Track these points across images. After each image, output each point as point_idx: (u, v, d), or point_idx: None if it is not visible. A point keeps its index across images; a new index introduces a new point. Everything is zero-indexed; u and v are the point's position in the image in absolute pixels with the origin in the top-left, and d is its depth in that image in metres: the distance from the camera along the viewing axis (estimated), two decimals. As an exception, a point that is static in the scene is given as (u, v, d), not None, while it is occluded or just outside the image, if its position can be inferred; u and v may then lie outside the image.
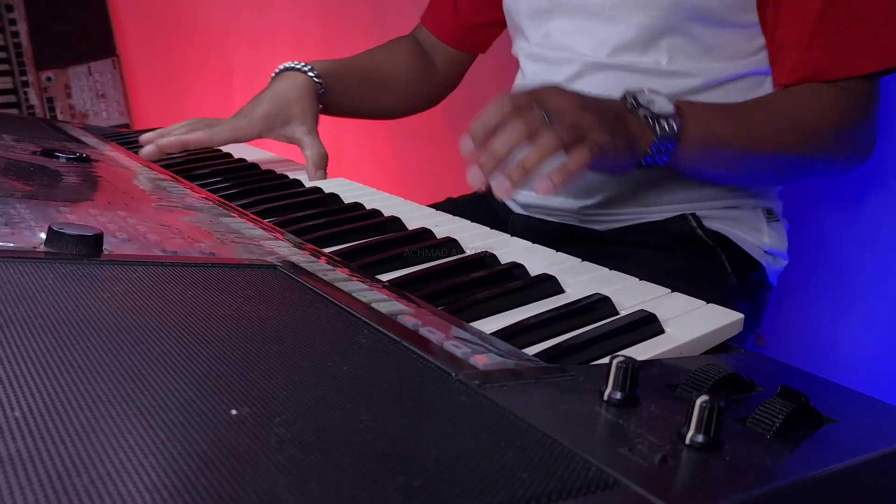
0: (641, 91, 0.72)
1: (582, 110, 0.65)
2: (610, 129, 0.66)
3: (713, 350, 0.49)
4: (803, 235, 1.05)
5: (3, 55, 1.53)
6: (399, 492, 0.26)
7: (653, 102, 0.71)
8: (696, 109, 0.74)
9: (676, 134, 0.71)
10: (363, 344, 0.40)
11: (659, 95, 0.72)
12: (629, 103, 0.71)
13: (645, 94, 0.72)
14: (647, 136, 0.70)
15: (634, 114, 0.70)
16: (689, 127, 0.72)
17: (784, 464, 0.33)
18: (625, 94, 0.73)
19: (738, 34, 0.83)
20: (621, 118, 0.69)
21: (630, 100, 0.71)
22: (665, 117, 0.70)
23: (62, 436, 0.26)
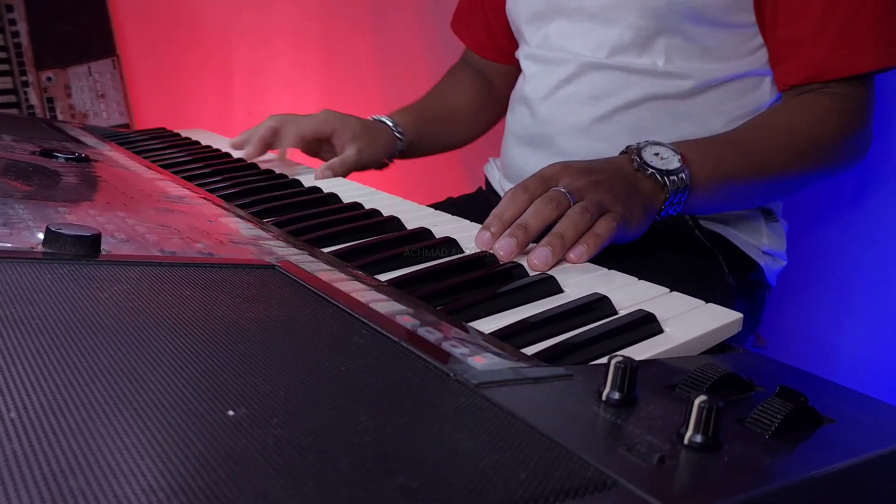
0: (645, 146, 0.72)
1: (597, 186, 0.66)
2: (625, 200, 0.67)
3: (712, 350, 0.49)
4: (803, 236, 1.05)
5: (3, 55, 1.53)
6: (397, 492, 0.26)
7: (659, 157, 0.71)
8: (699, 153, 0.74)
9: (687, 185, 0.71)
10: (361, 344, 0.40)
11: (662, 147, 0.72)
12: (635, 163, 0.70)
13: (648, 150, 0.71)
14: (660, 195, 0.71)
15: (642, 173, 0.70)
16: (697, 173, 0.72)
17: (783, 464, 0.33)
18: (628, 152, 0.72)
19: (734, 34, 0.83)
20: (632, 183, 0.69)
21: (635, 159, 0.71)
22: (675, 172, 0.70)
23: (59, 436, 0.26)
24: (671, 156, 0.72)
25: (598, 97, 0.88)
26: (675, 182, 0.70)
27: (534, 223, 0.62)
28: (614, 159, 0.72)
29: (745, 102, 0.86)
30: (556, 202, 0.63)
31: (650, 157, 0.71)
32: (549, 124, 0.92)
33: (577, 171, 0.67)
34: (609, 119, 0.88)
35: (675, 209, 0.72)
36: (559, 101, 0.91)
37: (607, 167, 0.69)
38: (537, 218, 0.62)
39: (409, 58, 1.65)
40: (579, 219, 0.62)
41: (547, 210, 0.63)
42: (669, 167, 0.71)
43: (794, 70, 0.81)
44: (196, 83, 1.75)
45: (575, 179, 0.66)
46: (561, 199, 0.63)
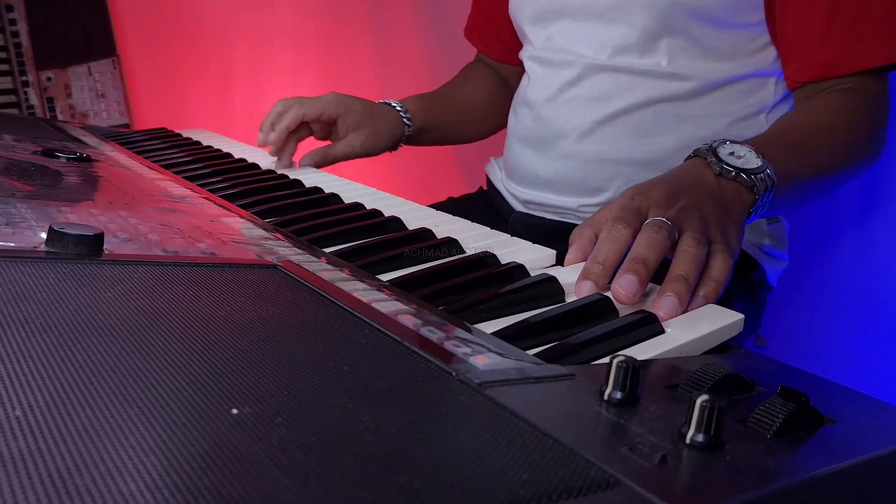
0: (718, 146, 0.65)
1: (689, 212, 0.58)
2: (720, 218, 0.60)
3: (713, 350, 0.49)
4: (803, 237, 1.06)
5: (3, 55, 1.53)
6: (400, 492, 0.26)
7: (736, 156, 0.65)
8: (772, 150, 0.67)
9: (775, 182, 0.65)
10: (364, 344, 0.40)
11: (735, 144, 0.66)
12: (715, 167, 0.64)
13: (724, 148, 0.65)
14: (748, 198, 0.64)
15: (726, 176, 0.63)
16: (777, 171, 0.66)
17: (784, 464, 0.33)
18: (700, 156, 0.65)
19: (738, 34, 0.83)
20: (717, 195, 0.62)
21: (712, 160, 0.64)
22: (760, 170, 0.64)
23: (63, 435, 0.26)
24: (748, 153, 0.65)
25: (601, 99, 0.88)
26: (762, 180, 0.64)
27: (652, 255, 0.54)
28: (690, 169, 0.64)
29: (748, 103, 0.86)
30: (667, 231, 0.55)
31: (727, 156, 0.64)
32: (551, 126, 0.92)
33: (660, 200, 0.59)
34: (612, 121, 0.88)
35: (761, 212, 0.65)
36: (562, 103, 0.91)
37: (687, 185, 0.62)
38: (655, 250, 0.54)
39: (407, 58, 1.65)
40: (696, 253, 0.54)
41: (660, 240, 0.55)
42: (752, 165, 0.64)
43: (804, 67, 0.81)
44: (196, 83, 1.75)
45: (663, 210, 0.58)
46: (669, 229, 0.56)
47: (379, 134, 1.03)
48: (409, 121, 1.06)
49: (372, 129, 1.02)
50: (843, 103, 0.79)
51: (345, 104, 1.02)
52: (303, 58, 1.72)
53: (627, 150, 0.88)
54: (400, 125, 1.06)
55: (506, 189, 1.03)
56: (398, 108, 1.06)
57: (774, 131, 0.76)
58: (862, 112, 0.79)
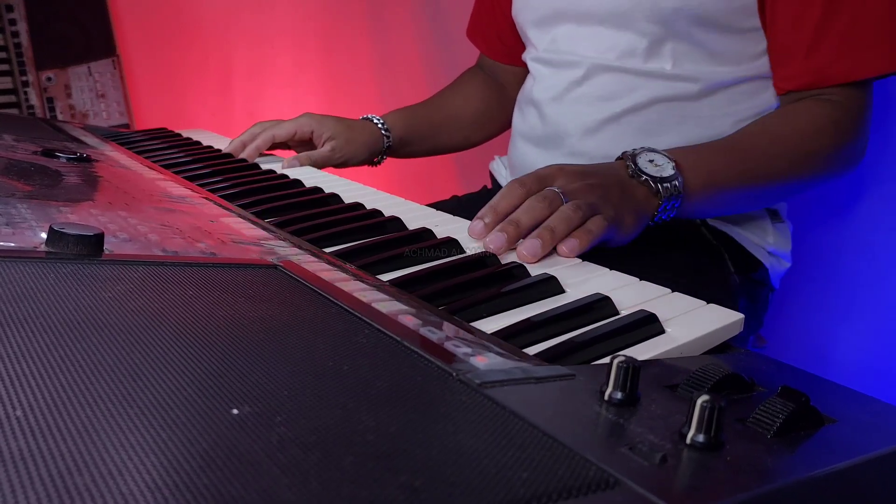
0: (640, 152, 0.73)
1: (591, 189, 0.67)
2: (617, 204, 0.68)
3: (714, 350, 0.49)
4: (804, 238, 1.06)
5: (3, 55, 1.53)
6: (400, 491, 0.26)
7: (654, 163, 0.72)
8: (694, 159, 0.75)
9: (680, 192, 0.72)
10: (364, 343, 0.40)
11: (657, 153, 0.73)
12: (630, 169, 0.71)
13: (643, 157, 0.73)
14: (653, 201, 0.71)
15: (637, 179, 0.71)
16: (691, 180, 0.73)
17: (785, 463, 0.33)
18: (624, 159, 0.73)
19: (741, 39, 0.84)
20: (626, 189, 0.70)
21: (630, 164, 0.72)
22: (668, 179, 0.71)
23: (63, 434, 0.26)
24: (665, 163, 0.73)
25: (606, 98, 0.88)
26: (668, 189, 0.71)
27: (525, 219, 0.63)
28: (610, 165, 0.73)
29: (753, 104, 0.86)
30: (549, 201, 0.64)
31: (645, 163, 0.72)
32: (557, 125, 0.93)
33: (571, 174, 0.68)
34: (618, 120, 0.88)
35: (668, 214, 0.73)
36: (569, 102, 0.92)
37: (602, 172, 0.71)
38: (529, 215, 0.63)
39: (406, 58, 1.65)
40: (570, 215, 0.63)
41: (539, 208, 0.64)
42: (663, 174, 0.72)
43: (791, 76, 0.82)
44: (196, 83, 1.75)
45: (570, 181, 0.67)
46: (554, 199, 0.64)
47: (354, 144, 1.05)
48: (388, 132, 1.08)
49: (346, 138, 1.04)
50: (820, 113, 0.80)
51: (317, 120, 1.05)
52: (303, 58, 1.72)
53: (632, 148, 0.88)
54: (378, 137, 1.07)
55: (510, 188, 1.04)
56: (376, 121, 1.08)
57: (720, 140, 0.80)
58: (835, 125, 0.80)
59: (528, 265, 0.58)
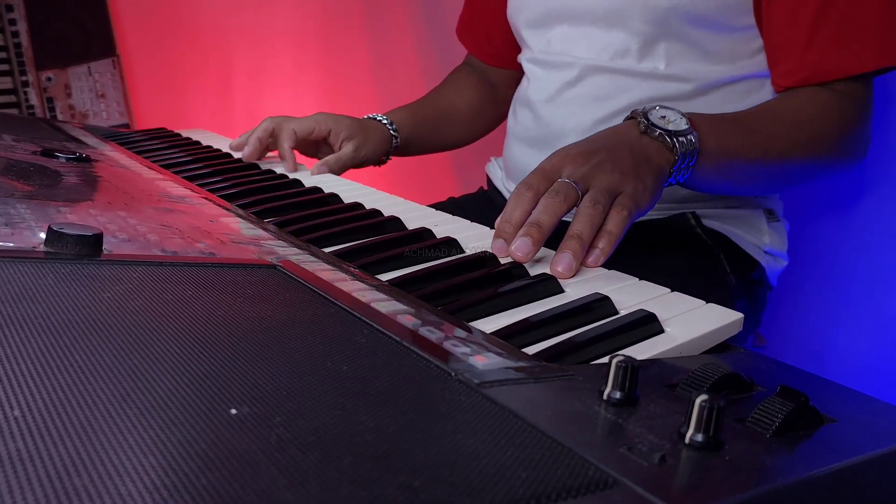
0: (652, 108, 0.70)
1: (601, 168, 0.63)
2: (633, 173, 0.64)
3: (713, 350, 0.49)
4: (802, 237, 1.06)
5: (3, 55, 1.53)
6: (399, 491, 0.26)
7: (666, 119, 0.69)
8: (707, 122, 0.72)
9: (696, 148, 0.69)
10: (363, 344, 0.40)
11: (669, 109, 0.70)
12: (642, 124, 0.68)
13: (656, 111, 0.70)
14: (668, 157, 0.68)
15: (650, 135, 0.68)
16: (705, 139, 0.70)
17: (784, 463, 0.33)
18: (634, 115, 0.70)
19: (735, 37, 0.84)
20: (638, 150, 0.67)
21: (642, 120, 0.69)
22: (683, 133, 0.68)
23: (62, 435, 0.26)
24: (678, 118, 0.69)
25: (600, 99, 0.88)
26: (683, 144, 0.68)
27: (546, 219, 0.60)
28: (618, 128, 0.70)
29: (747, 103, 0.86)
30: (564, 194, 0.62)
31: (657, 119, 0.69)
32: (551, 126, 0.93)
33: (577, 157, 0.65)
34: (611, 121, 0.88)
35: (683, 175, 0.70)
36: (562, 103, 0.92)
37: (609, 142, 0.67)
38: (548, 214, 0.61)
39: (404, 58, 1.66)
40: (592, 213, 0.60)
41: (556, 204, 0.61)
42: (678, 128, 0.68)
43: (788, 72, 0.82)
44: (196, 83, 1.75)
45: (577, 167, 0.64)
46: (568, 191, 0.62)
47: (371, 143, 1.04)
48: (396, 132, 1.07)
49: (364, 138, 1.03)
50: (822, 99, 0.80)
51: (334, 119, 1.03)
52: (303, 58, 1.72)
53: None
54: (388, 137, 1.07)
55: (506, 189, 1.04)
56: (384, 122, 1.07)
57: (729, 113, 0.78)
58: (840, 112, 0.80)
59: (529, 265, 0.58)
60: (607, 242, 0.60)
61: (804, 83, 0.81)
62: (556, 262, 0.58)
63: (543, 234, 0.60)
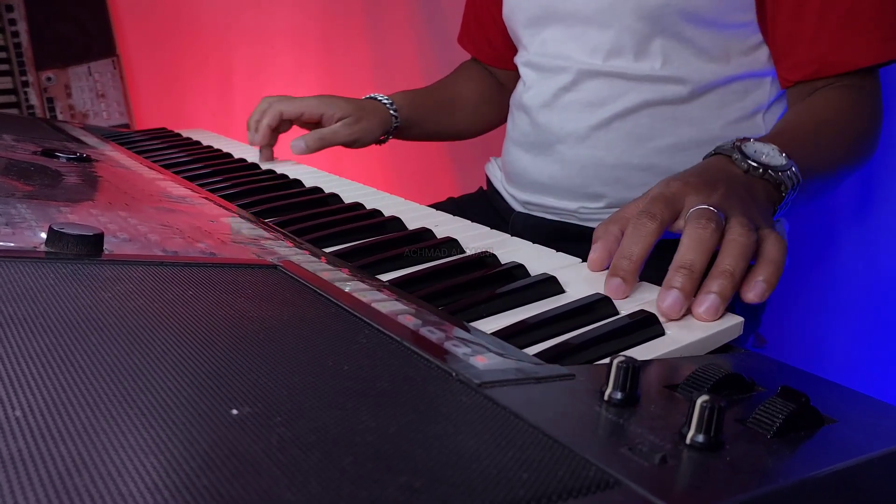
0: (744, 142, 0.63)
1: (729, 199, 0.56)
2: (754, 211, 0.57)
3: (713, 352, 0.49)
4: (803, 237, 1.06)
5: (3, 55, 1.53)
6: (400, 492, 0.26)
7: (762, 155, 0.63)
8: (790, 147, 0.65)
9: (801, 180, 0.64)
10: (364, 344, 0.40)
11: (760, 143, 0.64)
12: (742, 164, 0.62)
13: (749, 146, 0.63)
14: (773, 196, 0.63)
15: (754, 173, 0.61)
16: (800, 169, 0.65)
17: (784, 464, 0.33)
18: (724, 154, 0.63)
19: (731, 34, 0.83)
20: (750, 189, 0.60)
21: (737, 156, 0.62)
22: (784, 168, 0.62)
23: (63, 435, 0.26)
24: (772, 151, 0.63)
25: (595, 104, 0.88)
26: (789, 178, 0.62)
27: (699, 259, 0.51)
28: (716, 164, 0.63)
29: (744, 105, 0.86)
30: (715, 223, 0.52)
31: (753, 154, 0.62)
32: (548, 132, 0.93)
33: (699, 187, 0.56)
34: (607, 126, 0.88)
35: (784, 210, 0.64)
36: (558, 108, 0.92)
37: (720, 176, 0.60)
38: (700, 251, 0.51)
39: (403, 58, 1.66)
40: (746, 242, 0.51)
41: (707, 236, 0.51)
42: (777, 163, 0.62)
43: (796, 65, 0.81)
44: (196, 83, 1.75)
45: (702, 196, 0.55)
46: (717, 220, 0.52)
47: (364, 122, 1.03)
48: (396, 112, 1.07)
49: (358, 117, 1.02)
50: (843, 100, 0.79)
51: (326, 101, 1.03)
52: (303, 58, 1.72)
53: (624, 154, 0.88)
54: (387, 116, 1.06)
55: (505, 190, 1.04)
56: (384, 101, 1.07)
57: (788, 127, 0.75)
58: (860, 108, 0.79)
59: (528, 265, 0.58)
60: (773, 273, 0.51)
61: (812, 77, 0.80)
62: (700, 302, 0.49)
63: (696, 279, 0.50)
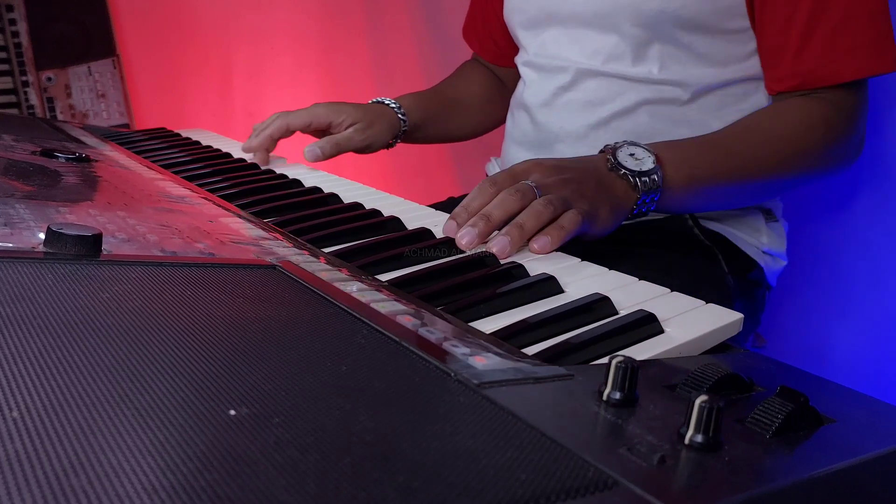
0: (621, 146, 0.72)
1: (566, 183, 0.66)
2: (592, 198, 0.67)
3: (712, 350, 0.49)
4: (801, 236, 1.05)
5: (3, 55, 1.53)
6: (398, 492, 0.26)
7: (634, 157, 0.72)
8: (676, 154, 0.74)
9: (659, 186, 0.72)
10: (362, 344, 0.40)
11: (638, 147, 0.73)
12: (609, 163, 0.71)
13: (624, 150, 0.72)
14: (631, 195, 0.71)
15: (616, 173, 0.71)
16: (672, 175, 0.73)
17: (783, 464, 0.33)
18: (605, 152, 0.72)
19: (728, 40, 0.84)
20: (604, 183, 0.70)
21: (609, 158, 0.71)
22: (647, 173, 0.71)
23: (60, 436, 0.26)
24: (646, 156, 0.72)
25: (595, 104, 0.89)
26: (646, 183, 0.71)
27: (496, 213, 0.63)
28: (590, 158, 0.73)
29: (742, 107, 0.86)
30: (522, 194, 0.64)
31: (625, 157, 0.71)
32: (547, 131, 0.93)
33: (547, 168, 0.68)
34: (606, 125, 0.88)
35: (646, 208, 0.72)
36: (558, 108, 0.92)
37: (580, 166, 0.70)
38: (500, 208, 0.63)
39: (404, 58, 1.66)
40: (541, 210, 0.62)
41: (510, 201, 0.63)
42: (643, 168, 0.71)
43: (781, 77, 0.82)
44: (196, 83, 1.75)
45: (545, 176, 0.67)
46: (527, 192, 0.64)
47: (376, 127, 1.02)
48: (405, 116, 1.06)
49: (367, 123, 1.02)
50: (809, 111, 0.80)
51: (334, 109, 1.02)
52: (303, 58, 1.72)
53: None
54: (396, 120, 1.05)
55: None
56: (392, 105, 1.06)
57: (708, 135, 0.80)
58: (826, 123, 0.80)
59: (528, 265, 0.58)
60: (556, 234, 0.62)
61: (796, 89, 0.81)
62: (493, 243, 0.60)
63: (491, 227, 0.63)
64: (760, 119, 0.82)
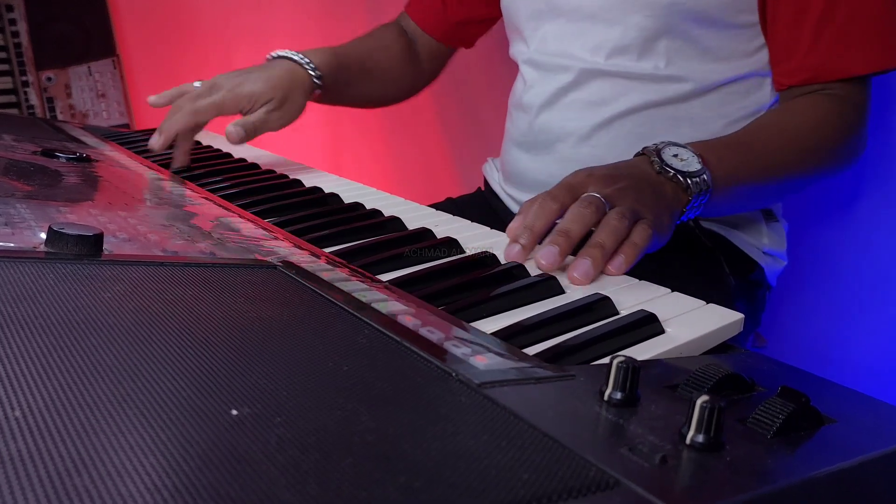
0: (664, 147, 0.70)
1: (625, 193, 0.63)
2: (653, 206, 0.64)
3: (713, 350, 0.49)
4: (802, 236, 1.06)
5: (3, 55, 1.53)
6: (399, 492, 0.26)
7: (678, 158, 0.69)
8: (716, 154, 0.72)
9: (710, 187, 0.69)
10: (363, 344, 0.40)
11: (681, 148, 0.70)
12: (656, 165, 0.68)
13: (668, 151, 0.69)
14: (682, 198, 0.68)
15: (665, 175, 0.68)
16: (716, 175, 0.70)
17: (784, 464, 0.33)
18: (646, 154, 0.70)
19: (736, 34, 0.83)
20: (656, 188, 0.67)
21: (656, 160, 0.68)
22: (696, 174, 0.68)
23: (62, 435, 0.26)
24: (690, 157, 0.70)
25: (597, 104, 0.88)
26: (697, 184, 0.68)
27: (576, 228, 0.59)
28: (634, 163, 0.70)
29: (745, 104, 0.86)
30: (595, 207, 0.61)
31: (670, 158, 0.69)
32: (548, 132, 0.92)
33: (602, 179, 0.65)
34: (609, 126, 0.88)
35: (695, 212, 0.70)
36: (559, 108, 0.91)
37: (631, 172, 0.67)
38: (579, 223, 0.60)
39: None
40: (618, 225, 0.59)
41: (587, 214, 0.60)
42: (691, 168, 0.69)
43: (791, 71, 0.82)
44: (196, 83, 1.74)
45: (602, 187, 0.63)
46: (600, 205, 0.61)
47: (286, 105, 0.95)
48: (319, 77, 0.98)
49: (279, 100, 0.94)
50: (822, 108, 0.80)
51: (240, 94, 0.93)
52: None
53: (624, 153, 0.88)
54: (309, 84, 0.97)
55: (503, 191, 1.03)
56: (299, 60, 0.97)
57: (733, 135, 0.79)
58: (840, 118, 0.80)
59: (528, 265, 0.58)
60: (631, 252, 0.59)
61: (806, 83, 0.81)
62: (574, 267, 0.56)
63: (571, 243, 0.59)
64: (778, 118, 0.81)
